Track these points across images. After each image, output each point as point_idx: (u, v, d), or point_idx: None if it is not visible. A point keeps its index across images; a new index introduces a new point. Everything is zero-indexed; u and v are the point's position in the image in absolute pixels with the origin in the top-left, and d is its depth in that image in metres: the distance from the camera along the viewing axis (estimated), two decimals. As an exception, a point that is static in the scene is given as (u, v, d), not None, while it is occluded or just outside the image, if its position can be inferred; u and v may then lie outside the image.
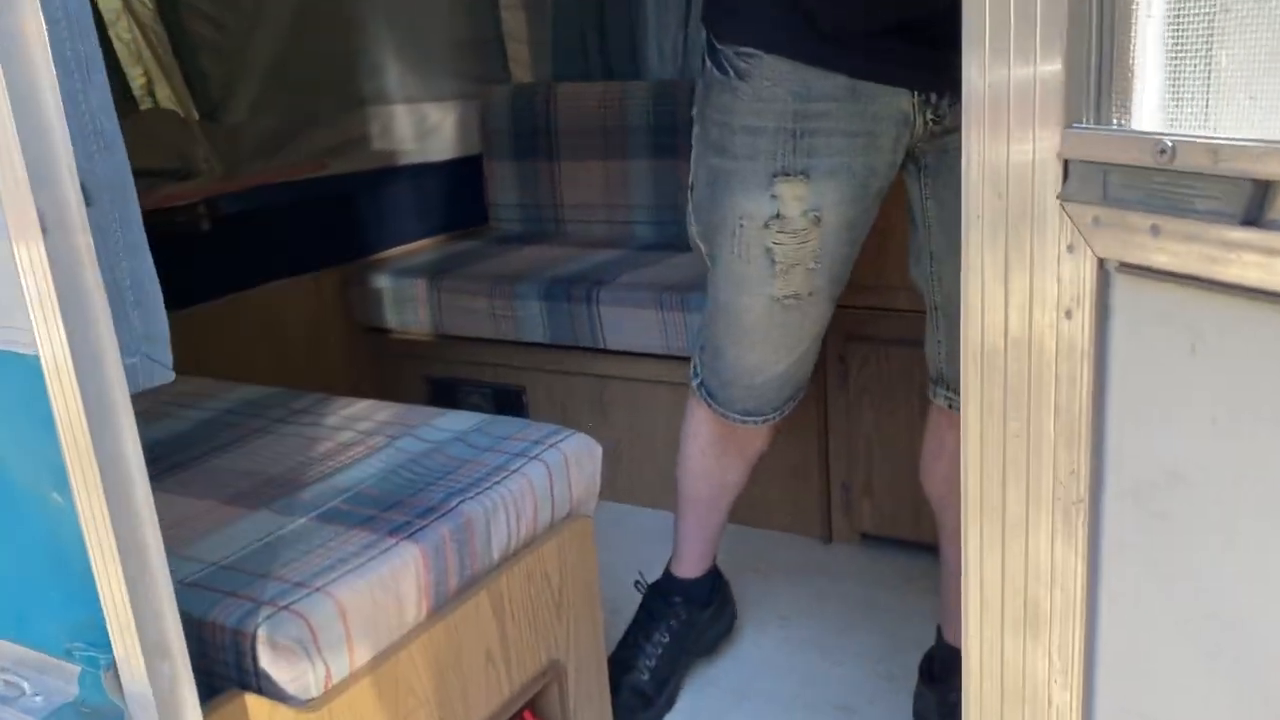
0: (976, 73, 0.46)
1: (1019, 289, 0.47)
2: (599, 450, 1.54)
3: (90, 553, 0.87)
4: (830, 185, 1.36)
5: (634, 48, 2.93)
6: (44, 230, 0.79)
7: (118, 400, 0.84)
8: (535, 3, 3.06)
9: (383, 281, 2.65)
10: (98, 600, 0.91)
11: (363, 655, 1.18)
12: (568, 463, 1.47)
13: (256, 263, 2.54)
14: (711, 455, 1.66)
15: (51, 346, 0.82)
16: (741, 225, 1.41)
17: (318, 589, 1.15)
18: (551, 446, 1.48)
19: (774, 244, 1.39)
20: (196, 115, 2.51)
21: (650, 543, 2.32)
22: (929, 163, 1.39)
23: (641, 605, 1.79)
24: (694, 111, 1.47)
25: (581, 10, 2.98)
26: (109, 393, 0.83)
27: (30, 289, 0.81)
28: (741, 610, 1.97)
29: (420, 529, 1.27)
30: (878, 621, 1.97)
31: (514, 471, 1.41)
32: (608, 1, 2.94)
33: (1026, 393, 0.48)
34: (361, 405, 1.66)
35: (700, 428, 1.66)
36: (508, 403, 2.61)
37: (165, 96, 2.53)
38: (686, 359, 2.32)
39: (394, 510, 1.32)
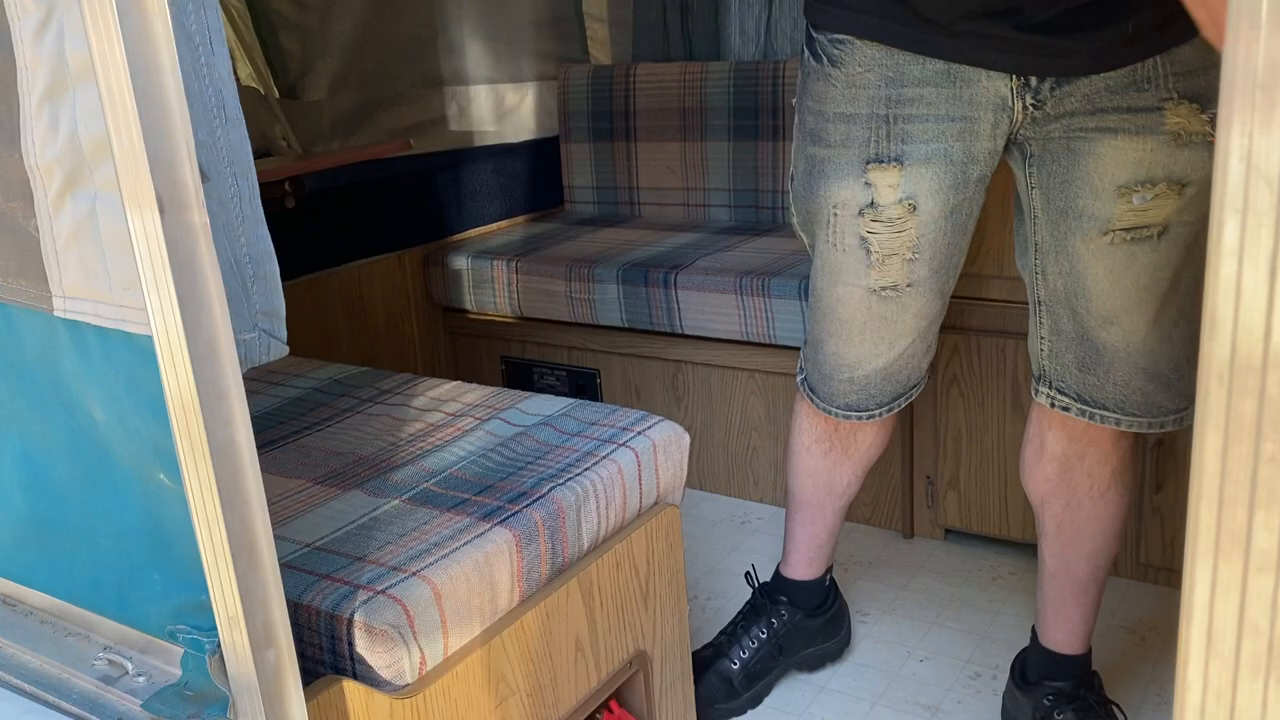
0: (1246, 32, 0.40)
1: (1290, 295, 0.42)
2: (687, 438, 1.51)
3: (199, 539, 0.86)
4: (925, 172, 1.32)
5: (716, 27, 2.88)
6: (161, 210, 0.77)
7: (230, 385, 0.82)
8: (616, -19, 3.03)
9: (461, 262, 2.64)
10: (202, 583, 0.90)
11: (456, 641, 1.16)
12: (656, 450, 1.45)
13: (339, 242, 2.55)
14: (817, 453, 1.62)
15: (166, 327, 0.81)
16: (835, 214, 1.38)
17: (414, 573, 1.14)
18: (640, 434, 1.45)
19: (868, 233, 1.36)
20: (276, 93, 2.51)
21: (721, 531, 2.30)
22: (1033, 151, 1.33)
23: (749, 599, 1.77)
24: (794, 101, 1.45)
25: (662, -12, 2.94)
26: (222, 376, 0.82)
27: (146, 269, 0.80)
28: (822, 603, 1.93)
29: (513, 514, 1.25)
30: (963, 619, 1.92)
31: (604, 458, 1.39)
32: (689, -20, 2.90)
33: (1292, 413, 0.43)
34: (448, 386, 1.65)
35: (804, 424, 1.62)
36: (582, 385, 2.59)
37: (246, 74, 2.54)
38: (763, 345, 2.30)
39: (485, 494, 1.30)
